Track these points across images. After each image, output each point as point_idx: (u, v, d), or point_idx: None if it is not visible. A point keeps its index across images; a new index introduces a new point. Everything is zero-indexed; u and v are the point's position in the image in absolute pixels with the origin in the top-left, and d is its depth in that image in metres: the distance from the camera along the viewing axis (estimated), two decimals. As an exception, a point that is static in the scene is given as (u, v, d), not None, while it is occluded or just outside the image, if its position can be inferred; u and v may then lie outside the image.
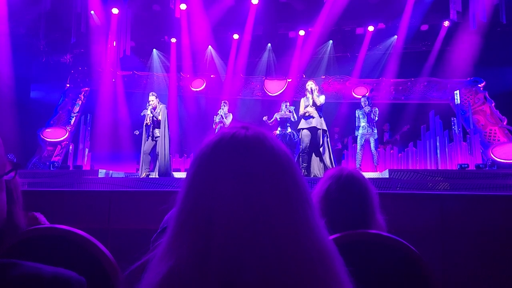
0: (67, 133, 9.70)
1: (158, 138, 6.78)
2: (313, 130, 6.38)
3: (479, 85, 8.97)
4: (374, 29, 9.92)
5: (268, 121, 7.46)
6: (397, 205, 2.74)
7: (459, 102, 8.62)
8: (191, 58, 10.79)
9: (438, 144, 7.27)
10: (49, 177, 6.61)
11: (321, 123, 6.40)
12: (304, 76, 10.43)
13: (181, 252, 0.56)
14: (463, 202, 2.74)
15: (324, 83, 10.33)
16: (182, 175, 7.08)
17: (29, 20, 9.05)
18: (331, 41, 10.43)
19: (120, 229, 2.83)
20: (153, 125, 6.81)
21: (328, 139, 6.64)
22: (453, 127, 7.69)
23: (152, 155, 6.88)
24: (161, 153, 6.68)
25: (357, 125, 7.27)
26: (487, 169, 6.31)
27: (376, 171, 7.03)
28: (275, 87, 10.61)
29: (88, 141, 8.59)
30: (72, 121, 10.11)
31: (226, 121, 7.67)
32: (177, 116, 10.44)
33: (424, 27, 9.77)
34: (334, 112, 10.01)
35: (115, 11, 9.62)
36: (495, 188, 5.27)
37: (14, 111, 8.46)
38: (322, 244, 0.59)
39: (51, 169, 7.67)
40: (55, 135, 9.62)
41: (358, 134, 7.21)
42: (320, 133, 6.39)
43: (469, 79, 9.13)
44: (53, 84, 10.66)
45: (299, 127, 6.59)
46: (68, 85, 10.74)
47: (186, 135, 10.59)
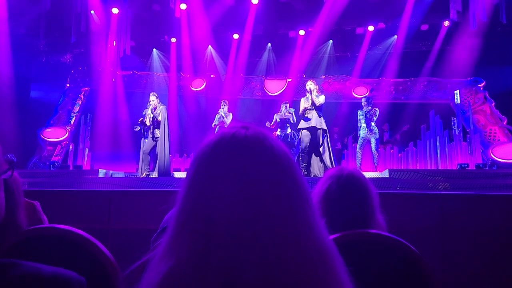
0: (67, 133, 9.69)
1: (158, 138, 6.78)
2: (312, 130, 6.37)
3: (479, 85, 8.96)
4: (374, 29, 9.91)
5: (270, 124, 7.45)
6: (397, 205, 2.74)
7: (459, 102, 8.62)
8: (191, 58, 10.79)
9: (438, 144, 7.28)
10: (49, 177, 6.62)
11: (320, 123, 6.39)
12: (304, 76, 10.43)
13: (181, 252, 0.56)
14: (463, 202, 2.74)
15: (324, 83, 10.33)
16: (182, 175, 7.08)
17: (29, 20, 9.05)
18: (331, 41, 10.42)
19: (120, 229, 2.83)
20: (153, 125, 6.81)
21: (328, 139, 6.63)
22: (453, 127, 7.69)
23: (152, 155, 6.87)
24: (161, 153, 6.68)
25: (359, 125, 7.30)
26: (487, 169, 6.30)
27: (376, 171, 7.03)
28: (275, 87, 10.61)
29: (88, 141, 8.59)
30: (72, 121, 10.11)
31: (226, 120, 7.68)
32: (177, 116, 10.44)
33: (424, 27, 9.76)
34: (334, 112, 10.00)
35: (115, 11, 9.61)
36: (495, 188, 5.27)
37: (14, 111, 8.46)
38: (322, 244, 0.59)
39: (51, 169, 7.67)
40: (55, 135, 9.62)
41: (360, 134, 7.25)
42: (320, 133, 6.38)
43: (469, 79, 9.12)
44: (53, 84, 10.66)
45: (298, 127, 6.59)
46: (68, 85, 10.74)
47: (186, 135, 10.58)
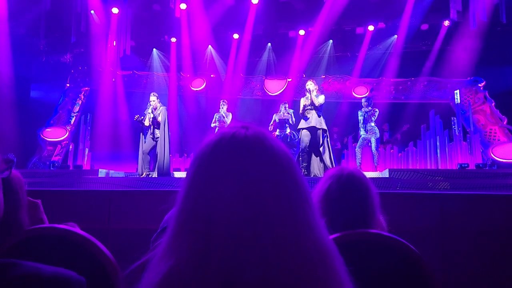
0: (67, 133, 9.70)
1: (158, 138, 6.78)
2: (312, 129, 6.37)
3: (479, 85, 8.96)
4: (374, 29, 9.91)
5: (270, 126, 7.44)
6: (397, 205, 2.74)
7: (459, 102, 8.61)
8: (191, 58, 10.79)
9: (438, 143, 7.28)
10: (49, 176, 6.61)
11: (320, 123, 6.38)
12: (304, 75, 10.42)
13: (181, 252, 0.56)
14: (463, 202, 2.74)
15: (324, 82, 10.32)
16: (182, 175, 7.08)
17: (29, 20, 9.05)
18: (331, 41, 10.42)
19: (120, 229, 2.83)
20: (153, 125, 6.80)
21: (328, 139, 6.63)
22: (453, 126, 7.69)
23: (152, 155, 6.87)
24: (161, 153, 6.68)
25: (359, 125, 7.31)
26: (487, 168, 6.30)
27: (376, 171, 7.03)
28: (275, 86, 10.61)
29: (88, 141, 8.59)
30: (72, 121, 10.11)
31: (226, 120, 7.68)
32: (177, 116, 10.44)
33: (424, 27, 9.76)
34: (334, 112, 10.00)
35: (115, 10, 9.61)
36: (495, 187, 5.27)
37: (14, 111, 8.46)
38: (322, 244, 0.59)
39: (51, 168, 7.66)
40: (55, 134, 9.63)
41: (360, 134, 7.27)
42: (320, 132, 6.38)
43: (469, 78, 9.12)
44: (53, 84, 10.66)
45: (298, 127, 6.58)
46: (68, 85, 10.74)
47: (186, 134, 10.58)
